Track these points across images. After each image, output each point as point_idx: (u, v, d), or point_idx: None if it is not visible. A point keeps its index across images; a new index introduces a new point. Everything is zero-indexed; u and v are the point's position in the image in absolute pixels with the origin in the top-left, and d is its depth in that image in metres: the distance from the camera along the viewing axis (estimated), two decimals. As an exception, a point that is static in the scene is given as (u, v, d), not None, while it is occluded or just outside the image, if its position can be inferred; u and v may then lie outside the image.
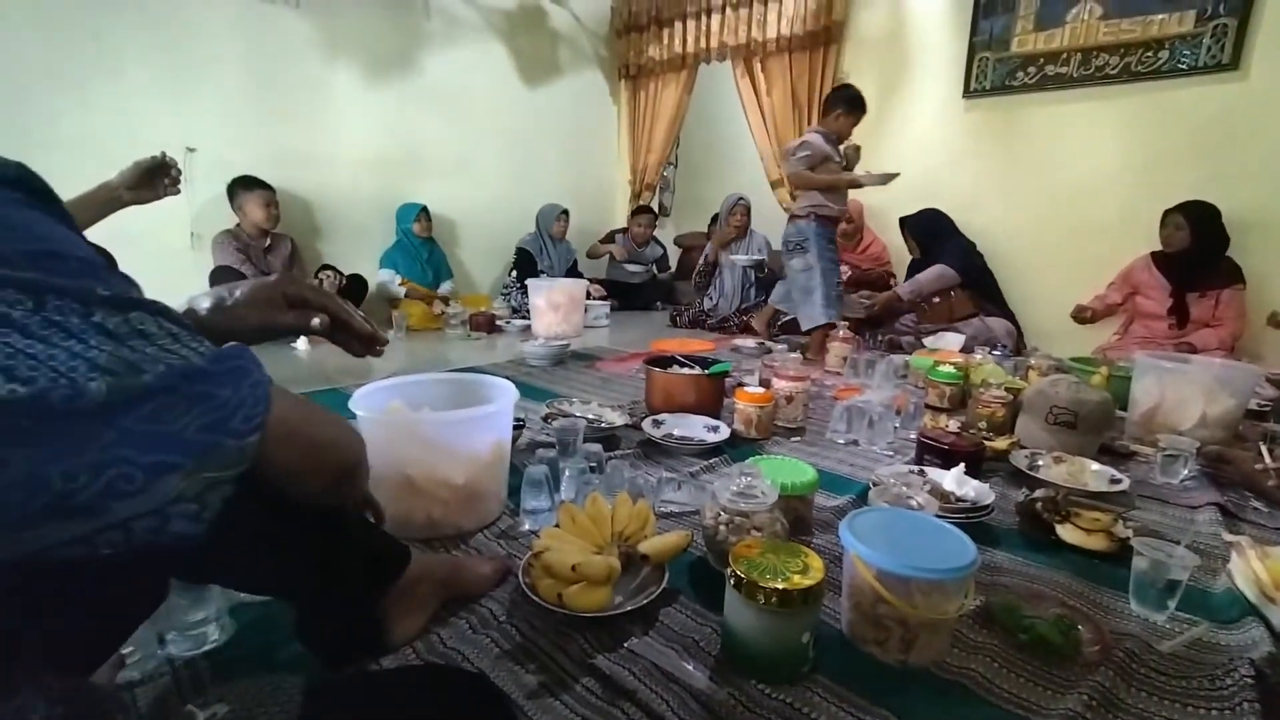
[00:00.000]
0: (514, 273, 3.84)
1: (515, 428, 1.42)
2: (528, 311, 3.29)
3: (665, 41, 4.37)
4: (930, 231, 3.19)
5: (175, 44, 2.78)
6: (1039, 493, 1.17)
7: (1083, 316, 2.79)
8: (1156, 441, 1.50)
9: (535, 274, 3.77)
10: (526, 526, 1.09)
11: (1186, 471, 1.41)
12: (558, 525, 0.96)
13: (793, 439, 1.63)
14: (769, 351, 2.62)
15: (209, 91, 2.90)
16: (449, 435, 1.02)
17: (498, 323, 3.29)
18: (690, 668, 0.75)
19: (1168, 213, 2.62)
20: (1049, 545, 1.09)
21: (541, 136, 4.36)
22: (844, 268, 3.47)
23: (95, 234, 1.35)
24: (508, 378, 1.23)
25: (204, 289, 0.62)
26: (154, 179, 1.32)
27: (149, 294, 0.40)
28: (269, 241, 2.96)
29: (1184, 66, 2.77)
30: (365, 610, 0.74)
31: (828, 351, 2.51)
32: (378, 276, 3.45)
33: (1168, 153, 2.85)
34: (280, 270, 2.99)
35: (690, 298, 4.04)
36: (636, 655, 0.77)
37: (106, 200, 1.28)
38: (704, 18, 4.14)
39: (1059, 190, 3.13)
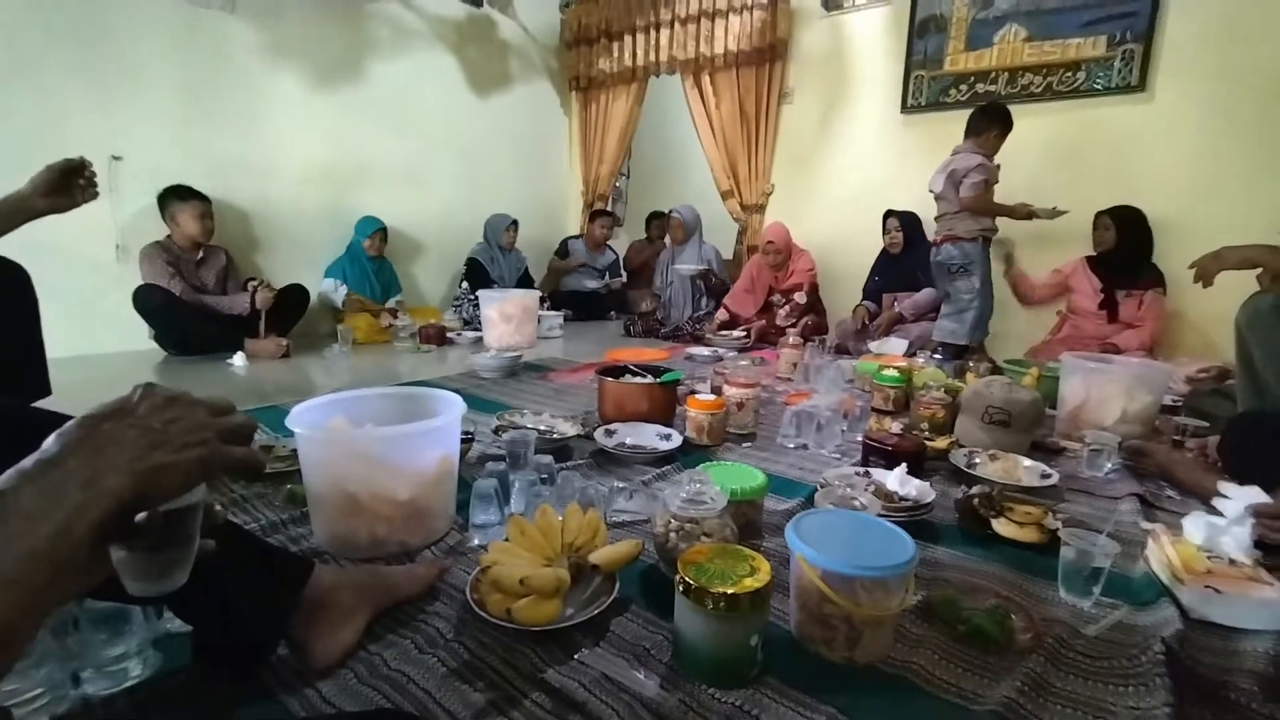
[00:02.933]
0: (465, 284, 3.78)
1: (464, 441, 1.39)
2: (480, 323, 3.24)
3: (615, 54, 4.41)
4: (916, 230, 3.30)
5: (99, 47, 2.64)
6: (976, 489, 1.22)
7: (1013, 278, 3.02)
8: (1083, 437, 1.58)
9: (487, 283, 3.73)
10: (476, 541, 1.07)
11: (1110, 465, 1.50)
12: (507, 539, 0.95)
13: (744, 445, 1.66)
14: (720, 359, 2.66)
15: (137, 97, 2.76)
16: (392, 451, 0.99)
17: (449, 335, 3.23)
18: (641, 676, 0.75)
19: (1098, 215, 2.82)
20: (986, 539, 1.13)
21: (492, 147, 4.33)
22: (778, 296, 3.55)
23: (9, 246, 1.28)
24: (458, 390, 1.21)
25: (129, 305, 0.59)
26: (69, 182, 1.24)
27: (72, 310, 0.37)
28: (201, 254, 2.83)
29: (1099, 87, 2.98)
30: (270, 624, 0.72)
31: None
32: (320, 286, 3.34)
33: (1088, 166, 3.04)
34: (213, 286, 2.87)
35: (645, 301, 4.04)
36: (587, 666, 0.76)
37: (15, 210, 1.21)
38: (653, 32, 4.20)
39: (991, 201, 3.30)
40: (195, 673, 0.73)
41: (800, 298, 3.45)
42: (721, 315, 3.58)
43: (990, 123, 2.73)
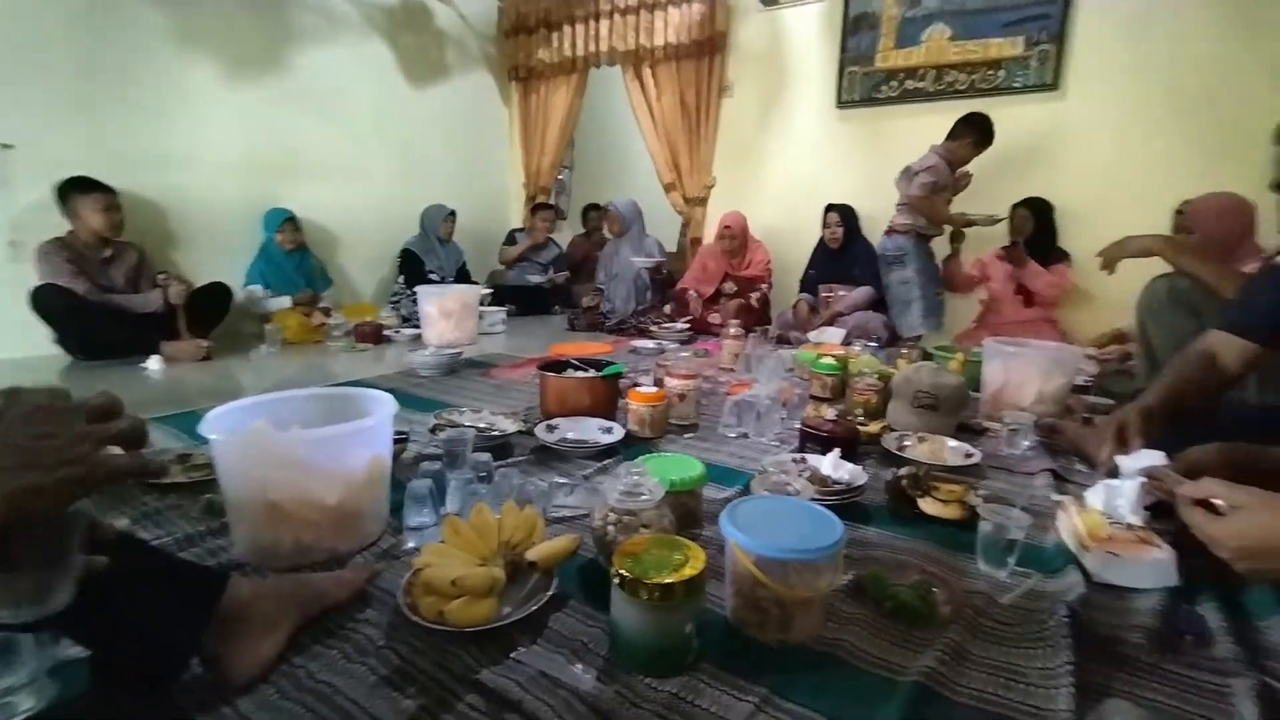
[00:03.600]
0: (401, 278, 3.66)
1: (398, 441, 1.35)
2: (419, 320, 3.15)
3: (555, 44, 4.36)
4: (854, 225, 3.38)
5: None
6: (904, 470, 1.27)
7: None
8: (1002, 417, 1.67)
9: (423, 276, 3.63)
10: (410, 544, 1.04)
11: (1027, 443, 1.59)
12: (443, 540, 0.92)
13: (686, 435, 1.67)
14: (663, 351, 2.67)
15: (31, 81, 2.54)
16: (316, 453, 0.95)
17: (385, 333, 3.13)
18: (578, 670, 0.74)
19: (1015, 206, 3.01)
20: (913, 518, 1.18)
21: (429, 138, 4.20)
22: (729, 284, 3.60)
23: None
24: (393, 390, 1.17)
25: (24, 306, 0.54)
26: None
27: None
28: (110, 251, 2.64)
29: (1018, 85, 3.15)
30: (179, 641, 0.68)
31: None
32: (242, 291, 3.16)
33: (1008, 161, 3.20)
34: (124, 285, 2.67)
35: (588, 295, 4.01)
36: (523, 664, 0.75)
37: None
38: (592, 22, 4.17)
39: (920, 194, 3.44)
40: (95, 699, 0.68)
41: (765, 288, 3.58)
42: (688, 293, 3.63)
43: (966, 129, 2.84)
